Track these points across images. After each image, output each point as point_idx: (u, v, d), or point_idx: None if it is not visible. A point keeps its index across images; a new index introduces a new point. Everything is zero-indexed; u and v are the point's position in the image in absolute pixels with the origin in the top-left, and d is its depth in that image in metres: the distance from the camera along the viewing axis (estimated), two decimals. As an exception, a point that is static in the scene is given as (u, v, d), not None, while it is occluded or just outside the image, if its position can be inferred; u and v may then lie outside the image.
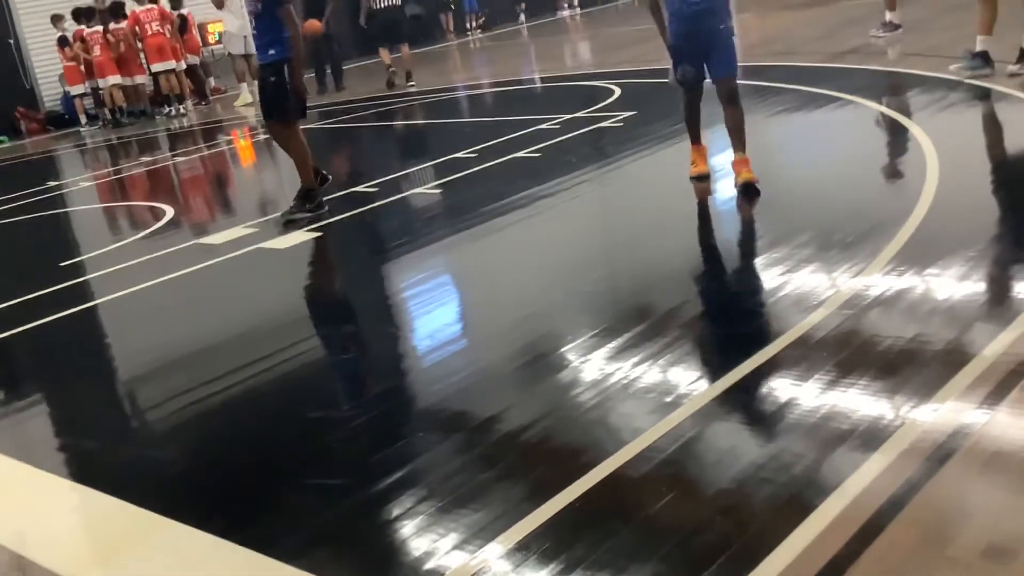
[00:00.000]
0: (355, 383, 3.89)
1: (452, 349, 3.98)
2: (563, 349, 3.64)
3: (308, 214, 6.42)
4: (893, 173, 5.62)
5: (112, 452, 3.55)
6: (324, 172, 6.71)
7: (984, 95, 6.90)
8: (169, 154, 11.84)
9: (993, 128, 6.36)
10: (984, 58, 7.25)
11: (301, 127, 6.56)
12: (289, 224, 6.35)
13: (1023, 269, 3.76)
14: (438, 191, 6.84)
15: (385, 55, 13.96)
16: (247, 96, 14.77)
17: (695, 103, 5.63)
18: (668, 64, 5.56)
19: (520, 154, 7.36)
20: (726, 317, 3.82)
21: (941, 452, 2.53)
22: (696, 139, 5.77)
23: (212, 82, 17.85)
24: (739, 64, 5.64)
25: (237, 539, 2.68)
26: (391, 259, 5.65)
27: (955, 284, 3.63)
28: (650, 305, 3.98)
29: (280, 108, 6.38)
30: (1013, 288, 3.54)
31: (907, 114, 6.64)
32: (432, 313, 4.45)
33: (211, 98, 17.15)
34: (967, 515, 2.26)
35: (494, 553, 2.41)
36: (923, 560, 2.13)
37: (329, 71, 14.88)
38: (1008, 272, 3.68)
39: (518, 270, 4.89)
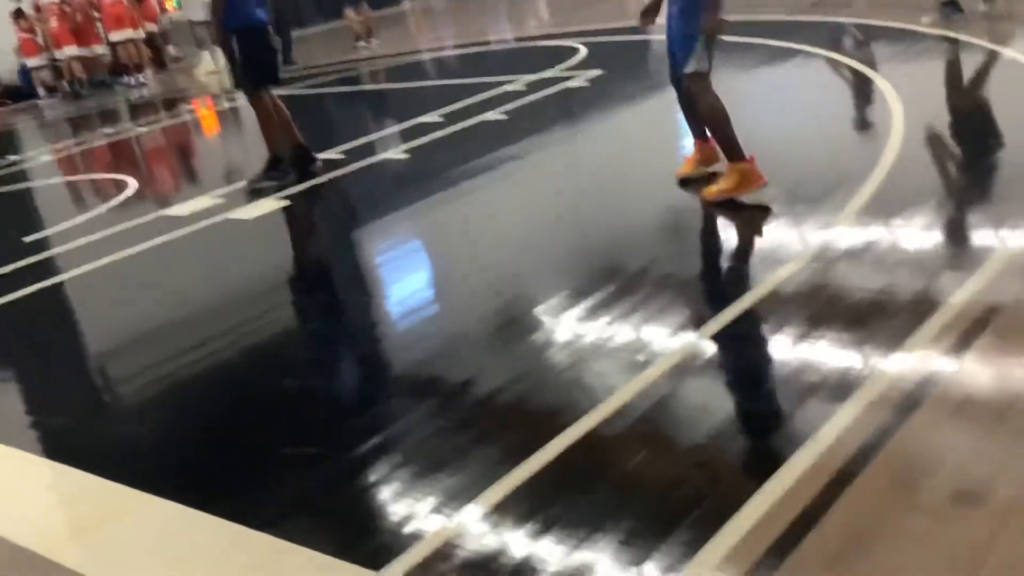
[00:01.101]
0: (327, 351, 3.88)
1: (424, 314, 3.97)
2: (535, 311, 3.64)
3: (272, 182, 6.36)
4: (859, 126, 5.64)
5: (84, 428, 3.52)
6: (312, 154, 6.58)
7: (949, 44, 6.93)
8: (131, 125, 11.66)
9: (958, 78, 6.39)
10: (954, 5, 7.28)
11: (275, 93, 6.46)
12: (255, 192, 6.29)
13: (987, 217, 3.80)
14: (405, 156, 6.79)
15: (351, 15, 13.86)
16: (209, 63, 14.56)
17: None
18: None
19: (487, 116, 7.32)
20: (696, 274, 3.83)
21: (910, 400, 2.56)
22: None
23: (171, 50, 17.57)
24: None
25: (212, 510, 2.68)
26: (360, 226, 5.61)
27: (921, 234, 3.67)
28: (620, 265, 3.99)
29: (238, 78, 6.31)
30: (978, 236, 3.58)
31: (872, 66, 6.66)
32: (403, 279, 4.44)
33: (171, 67, 16.88)
34: (936, 462, 2.30)
35: (472, 515, 2.42)
36: (893, 507, 2.16)
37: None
38: (973, 221, 3.71)
39: (488, 233, 4.88)
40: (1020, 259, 3.31)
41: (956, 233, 3.68)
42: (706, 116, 4.50)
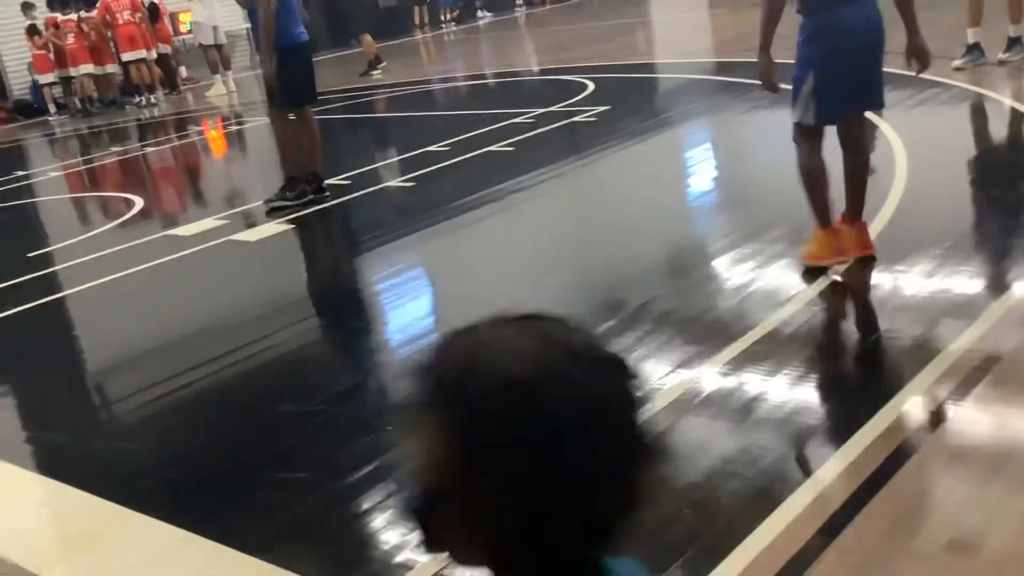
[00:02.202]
0: (325, 377, 3.88)
1: (423, 342, 3.97)
2: (534, 343, 3.63)
3: (289, 203, 6.38)
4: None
5: (80, 445, 3.52)
6: (323, 183, 6.63)
7: (954, 93, 6.97)
8: (139, 144, 11.73)
9: (962, 126, 6.43)
10: (979, 49, 7.36)
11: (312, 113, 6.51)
12: (273, 212, 6.33)
13: (988, 266, 3.81)
14: (411, 184, 6.82)
15: (368, 42, 13.99)
16: (220, 87, 14.65)
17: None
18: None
19: (493, 148, 7.36)
20: (697, 312, 3.84)
21: (907, 446, 2.56)
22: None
23: (183, 72, 17.69)
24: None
25: (205, 533, 2.67)
26: (363, 252, 5.63)
27: (922, 280, 3.67)
28: (622, 300, 3.99)
29: (275, 96, 6.35)
30: (979, 285, 3.58)
31: (877, 112, 6.69)
32: (404, 307, 4.44)
33: (182, 88, 16.99)
34: (931, 509, 2.29)
35: (464, 547, 2.41)
36: (887, 553, 2.15)
37: None
38: (974, 269, 3.72)
39: (490, 264, 4.89)
40: (1020, 309, 3.32)
41: (957, 280, 3.69)
42: (799, 170, 3.88)
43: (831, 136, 3.80)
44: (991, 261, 3.85)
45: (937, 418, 2.69)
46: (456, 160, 7.19)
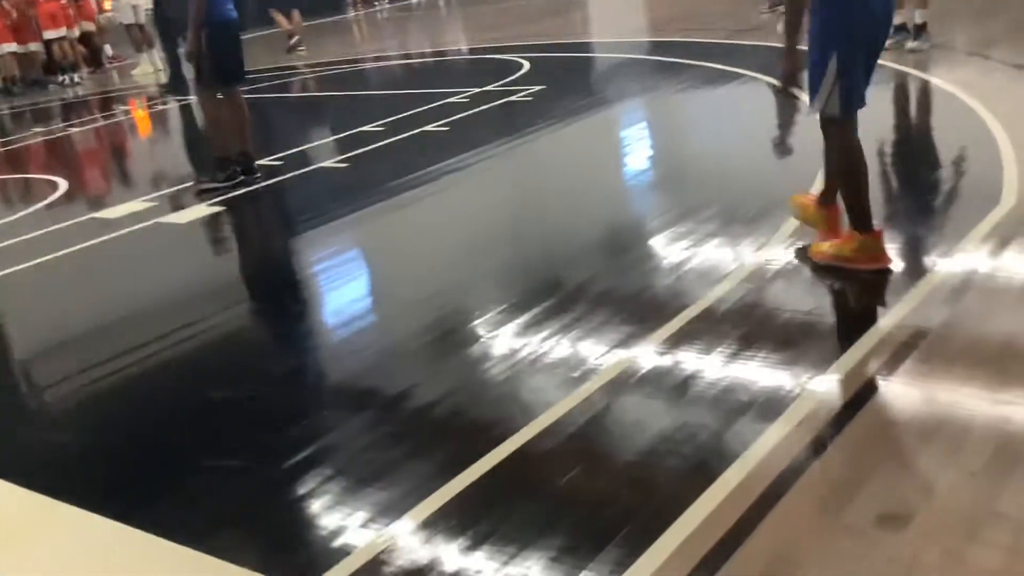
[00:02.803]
0: (259, 361, 3.81)
1: (359, 326, 3.94)
2: (472, 324, 3.63)
3: (220, 184, 6.26)
4: (792, 149, 5.75)
5: (5, 435, 3.42)
6: (253, 163, 6.48)
7: (897, 73, 7.09)
8: (63, 125, 11.40)
9: (890, 104, 6.55)
10: (926, 30, 7.46)
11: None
12: (202, 194, 6.21)
13: (915, 244, 3.89)
14: (345, 165, 6.74)
15: (282, 20, 13.80)
16: (147, 66, 14.31)
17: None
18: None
19: (428, 128, 7.30)
20: (634, 291, 3.86)
21: (837, 422, 2.60)
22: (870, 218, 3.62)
23: (108, 50, 17.23)
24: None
25: (137, 523, 2.61)
26: (296, 234, 5.55)
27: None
28: (558, 280, 4.00)
29: (202, 74, 6.22)
30: (906, 262, 3.65)
31: (806, 90, 6.77)
32: (338, 289, 4.39)
33: (107, 67, 16.56)
34: (861, 483, 2.34)
35: (402, 529, 2.40)
36: (819, 528, 2.19)
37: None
38: (901, 247, 3.79)
39: (426, 246, 4.86)
40: (946, 285, 3.39)
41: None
42: (838, 164, 3.64)
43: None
44: (918, 240, 3.93)
45: (866, 393, 2.74)
46: (391, 140, 7.12)
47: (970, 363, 2.85)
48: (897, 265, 3.61)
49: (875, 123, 6.05)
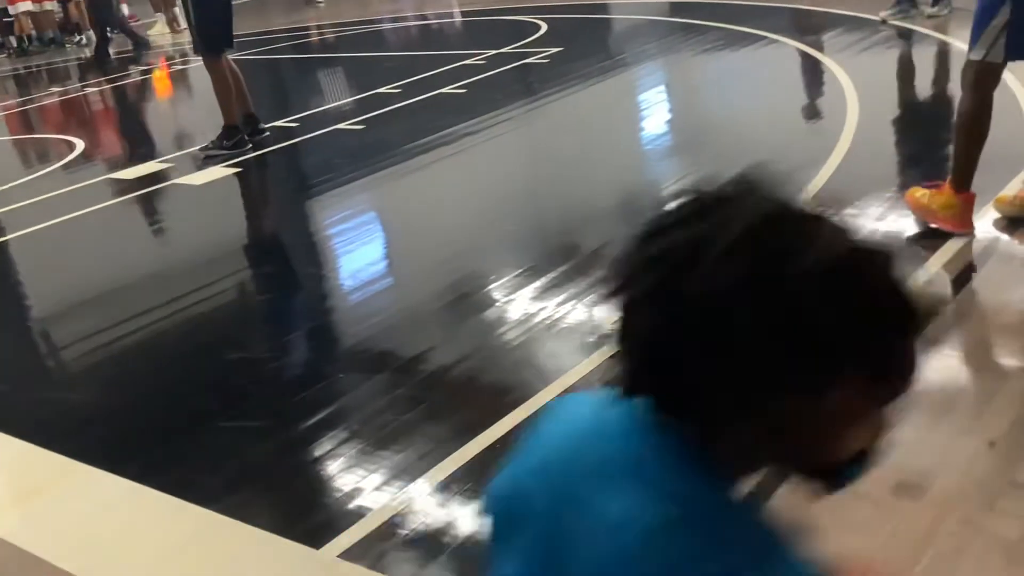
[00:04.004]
0: (276, 323, 3.82)
1: (375, 288, 3.93)
2: (488, 288, 3.62)
3: (225, 151, 6.24)
4: (814, 113, 5.68)
5: (23, 396, 3.44)
6: (260, 125, 6.46)
7: (903, 35, 6.99)
8: (80, 84, 11.39)
9: (911, 69, 6.46)
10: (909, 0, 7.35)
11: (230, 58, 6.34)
12: (208, 160, 6.18)
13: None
14: (361, 127, 6.70)
15: None
16: (162, 25, 14.25)
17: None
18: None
19: (445, 90, 7.25)
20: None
21: (856, 389, 2.58)
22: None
23: (125, 9, 17.16)
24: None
25: (153, 483, 2.63)
26: (312, 196, 5.53)
27: (872, 224, 3.69)
28: (575, 244, 3.97)
29: (195, 41, 6.21)
30: (929, 229, 3.61)
31: (828, 54, 6.69)
32: (355, 252, 4.38)
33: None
34: (880, 453, 2.32)
35: (417, 492, 2.40)
36: (836, 497, 2.17)
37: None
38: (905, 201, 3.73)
39: (443, 208, 4.84)
40: (969, 252, 3.35)
41: (907, 224, 3.71)
42: (959, 116, 3.49)
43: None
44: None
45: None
46: (407, 102, 7.07)
47: (989, 333, 2.82)
48: (922, 229, 3.55)
49: (892, 88, 5.98)
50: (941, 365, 2.71)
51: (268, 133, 6.44)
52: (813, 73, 6.45)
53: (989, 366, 2.61)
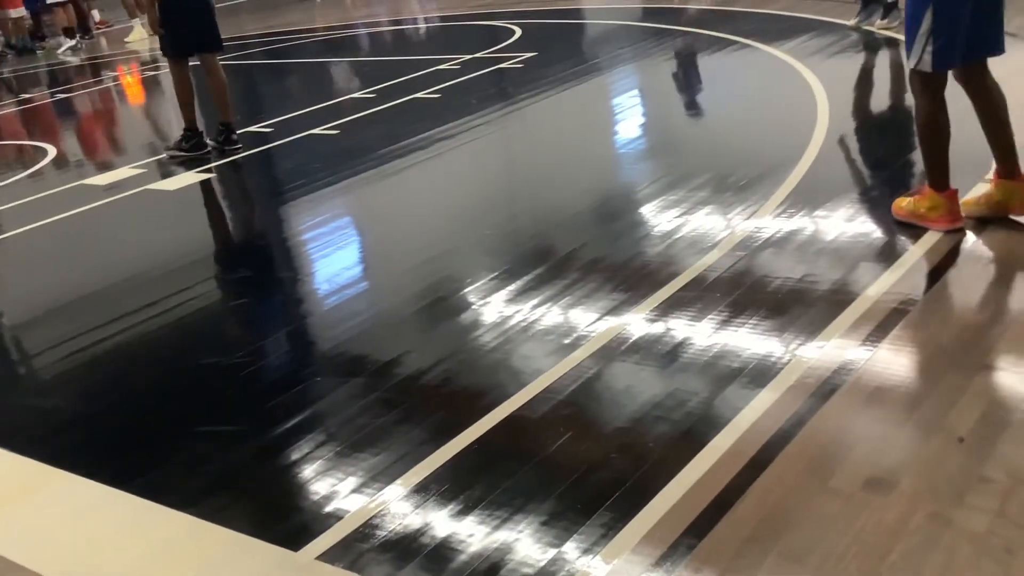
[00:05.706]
0: (251, 328, 3.82)
1: (351, 292, 3.94)
2: (463, 292, 3.63)
3: (183, 153, 6.27)
4: (785, 117, 5.73)
5: (-4, 402, 3.42)
6: (234, 135, 6.44)
7: (874, 41, 7.07)
8: (52, 90, 11.30)
9: (882, 74, 6.54)
10: (879, 4, 7.43)
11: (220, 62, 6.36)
12: (172, 159, 6.22)
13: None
14: (335, 132, 6.70)
15: None
16: (140, 31, 14.16)
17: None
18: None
19: (420, 95, 7.26)
20: (624, 259, 3.86)
21: (826, 387, 2.62)
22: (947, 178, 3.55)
23: (96, 16, 17.03)
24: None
25: (130, 488, 2.63)
26: (287, 201, 5.53)
27: (842, 225, 3.75)
28: (549, 247, 4.00)
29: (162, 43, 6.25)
30: (896, 230, 3.66)
31: (799, 58, 6.76)
32: (330, 256, 4.39)
33: (95, 32, 16.37)
34: (849, 449, 2.36)
35: (393, 495, 2.42)
36: (807, 492, 2.21)
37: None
38: (892, 215, 3.79)
39: (417, 213, 4.85)
40: (936, 253, 3.41)
41: (875, 226, 3.76)
42: (917, 123, 3.55)
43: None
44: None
45: (855, 359, 2.75)
46: (382, 107, 7.08)
47: (958, 330, 2.87)
48: (889, 232, 3.62)
49: (862, 92, 6.05)
50: (910, 362, 2.76)
51: (239, 144, 6.42)
52: (784, 77, 6.51)
53: (958, 363, 2.66)
